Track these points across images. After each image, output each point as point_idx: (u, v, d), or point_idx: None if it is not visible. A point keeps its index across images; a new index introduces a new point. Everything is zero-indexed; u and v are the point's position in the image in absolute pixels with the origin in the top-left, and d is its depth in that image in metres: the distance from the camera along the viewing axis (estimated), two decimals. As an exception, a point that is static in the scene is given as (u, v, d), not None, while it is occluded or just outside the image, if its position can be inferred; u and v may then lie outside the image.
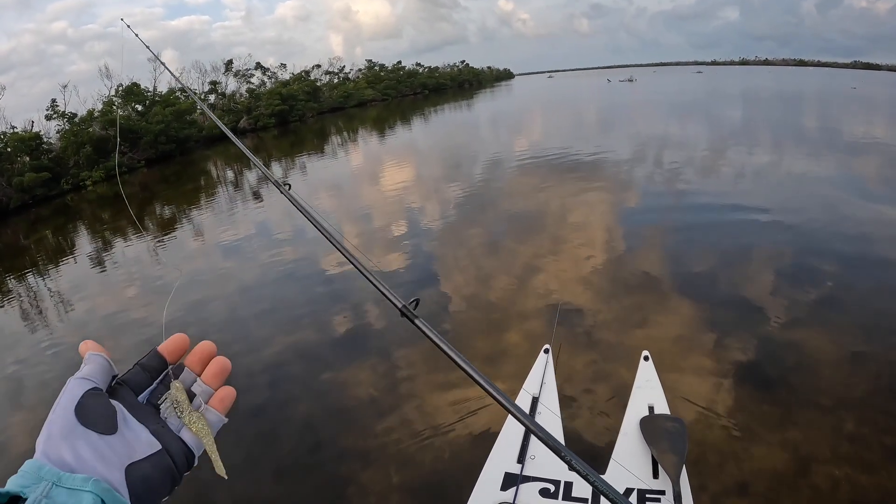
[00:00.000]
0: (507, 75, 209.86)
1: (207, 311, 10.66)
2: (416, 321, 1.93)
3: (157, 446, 0.77)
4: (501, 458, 3.99)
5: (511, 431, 4.18)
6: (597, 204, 15.03)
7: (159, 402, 0.83)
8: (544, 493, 3.66)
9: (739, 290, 9.28)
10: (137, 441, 0.76)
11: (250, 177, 29.54)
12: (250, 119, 61.38)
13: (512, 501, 3.63)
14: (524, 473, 3.81)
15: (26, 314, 12.93)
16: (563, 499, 3.61)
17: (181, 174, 33.84)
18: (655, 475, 3.81)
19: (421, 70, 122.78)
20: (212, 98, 66.03)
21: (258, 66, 75.50)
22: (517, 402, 4.06)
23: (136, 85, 50.92)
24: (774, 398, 6.38)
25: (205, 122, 55.09)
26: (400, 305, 1.99)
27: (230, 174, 32.82)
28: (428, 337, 1.91)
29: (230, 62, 71.66)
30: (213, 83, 67.63)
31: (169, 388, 0.84)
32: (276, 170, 30.18)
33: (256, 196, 23.02)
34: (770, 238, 11.56)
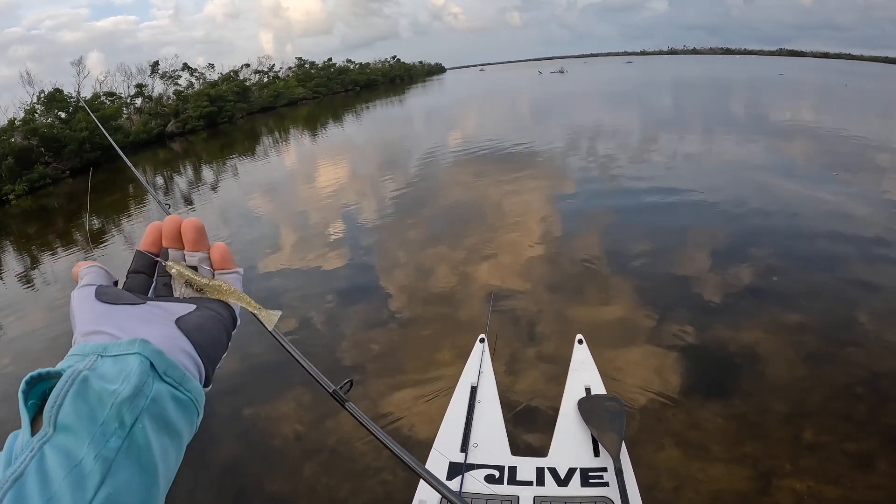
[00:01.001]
0: (438, 69, 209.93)
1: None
2: (346, 405, 1.93)
3: (193, 305, 0.76)
4: (445, 447, 4.01)
5: (453, 420, 4.24)
6: (532, 193, 15.36)
7: (170, 286, 0.81)
8: (489, 479, 3.71)
9: (673, 271, 9.72)
10: (172, 306, 0.75)
11: (181, 182, 29.07)
12: (178, 122, 59.90)
13: (458, 490, 3.63)
14: (468, 462, 3.84)
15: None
16: (509, 483, 3.66)
17: (109, 183, 33.05)
18: (596, 453, 3.88)
19: (352, 67, 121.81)
20: (139, 102, 64.40)
21: (185, 67, 73.70)
22: (456, 391, 4.57)
23: (58, 91, 49.20)
24: (707, 372, 6.71)
25: (131, 128, 53.83)
26: (331, 390, 1.96)
27: (159, 180, 32.22)
28: (359, 422, 1.94)
29: (156, 64, 69.80)
30: (140, 86, 65.91)
31: (170, 276, 0.81)
32: (208, 174, 29.75)
33: (188, 201, 22.64)
34: (703, 219, 12.30)
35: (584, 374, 4.73)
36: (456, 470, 3.78)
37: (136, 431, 0.56)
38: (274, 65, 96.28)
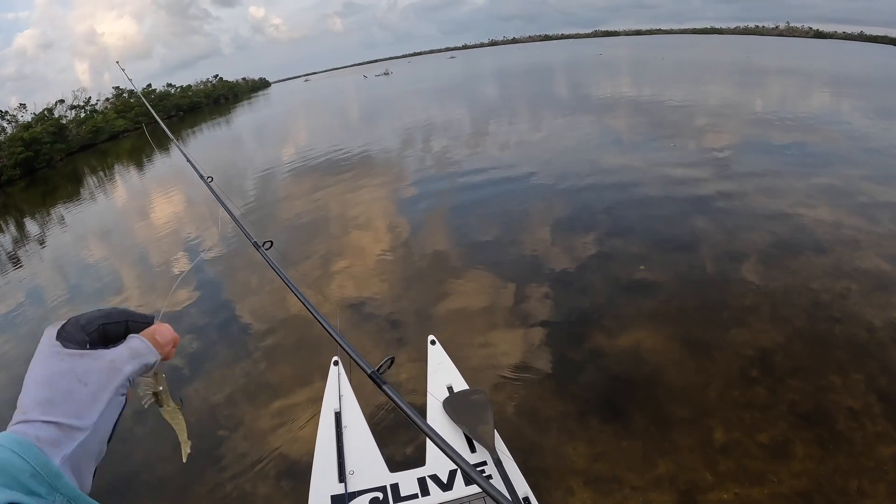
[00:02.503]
0: (263, 84, 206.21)
1: None
2: (384, 387, 2.14)
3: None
4: (322, 480, 3.93)
5: (324, 451, 4.16)
6: (373, 198, 15.82)
7: (136, 387, 0.84)
8: (374, 502, 3.68)
9: (520, 254, 10.26)
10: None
11: (4, 241, 27.47)
12: (-8, 174, 56.23)
13: None
14: (349, 491, 3.79)
15: None
16: (394, 501, 3.64)
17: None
18: (472, 449, 3.93)
19: (173, 91, 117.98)
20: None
21: (-9, 110, 69.37)
22: (321, 419, 4.43)
23: None
24: (563, 346, 7.11)
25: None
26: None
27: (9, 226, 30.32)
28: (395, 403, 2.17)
29: (-44, 110, 65.35)
30: (-60, 137, 61.28)
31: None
32: (33, 228, 28.22)
33: (15, 261, 21.43)
34: (542, 198, 13.15)
35: (443, 374, 4.77)
36: (339, 502, 3.72)
37: None
38: (90, 97, 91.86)
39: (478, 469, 3.46)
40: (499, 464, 3.67)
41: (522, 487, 3.57)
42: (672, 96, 27.41)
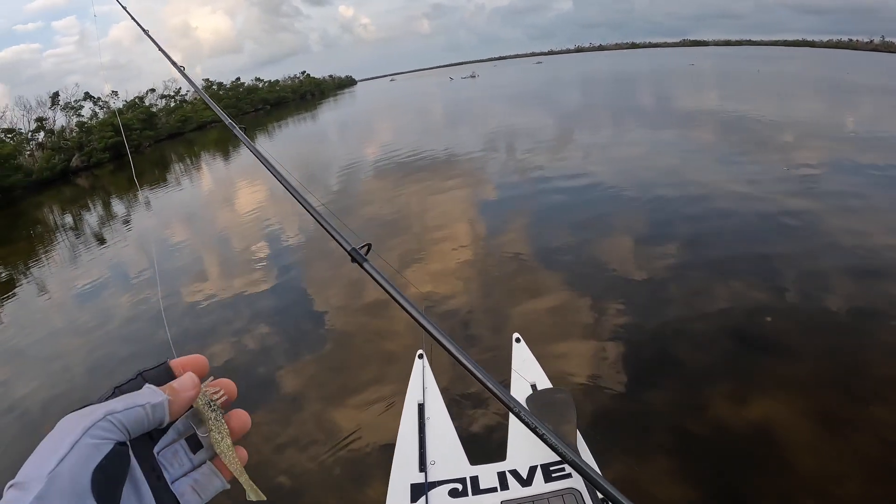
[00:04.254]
0: (349, 82, 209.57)
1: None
2: (365, 265, 2.10)
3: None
4: (403, 469, 3.96)
5: (406, 441, 4.18)
6: (455, 199, 15.52)
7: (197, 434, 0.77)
8: (454, 493, 3.68)
9: (599, 260, 9.92)
10: None
11: (91, 219, 28.21)
12: (83, 156, 58.17)
13: None
14: (430, 480, 3.79)
15: None
16: (473, 493, 3.63)
17: (10, 227, 31.64)
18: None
19: (261, 85, 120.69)
20: (40, 136, 62.18)
21: (87, 96, 71.73)
22: (404, 412, 4.47)
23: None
24: (647, 356, 6.78)
25: (34, 165, 51.93)
26: (349, 249, 2.14)
27: (68, 219, 31.17)
28: (375, 280, 2.10)
29: (56, 95, 67.75)
30: (40, 120, 63.72)
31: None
32: (119, 208, 28.89)
33: (100, 240, 21.94)
34: (626, 208, 12.57)
35: (527, 372, 4.72)
36: (419, 491, 3.72)
37: None
38: (180, 88, 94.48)
39: (557, 467, 3.64)
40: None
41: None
42: (776, 112, 26.07)
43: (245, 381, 7.88)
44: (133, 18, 4.54)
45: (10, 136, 55.71)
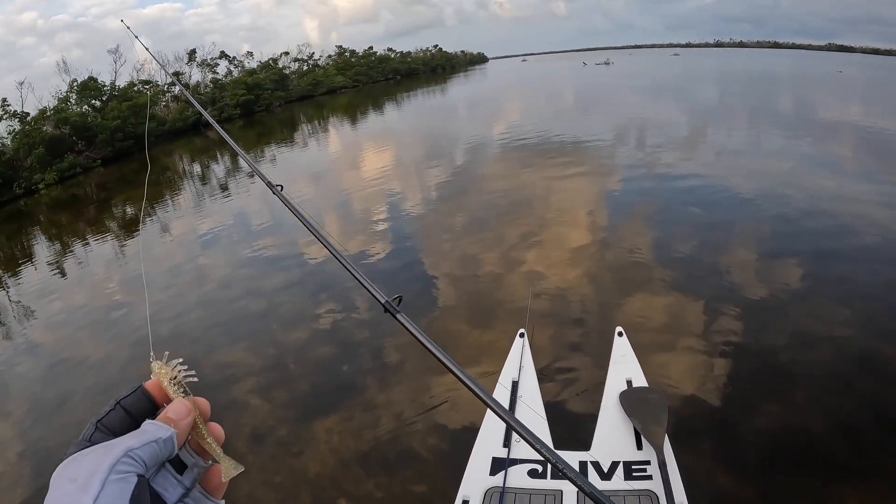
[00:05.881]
0: (480, 59, 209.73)
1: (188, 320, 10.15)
2: (398, 316, 2.09)
3: None
4: (487, 443, 4.09)
5: (493, 417, 4.11)
6: (579, 185, 15.11)
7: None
8: (533, 473, 3.76)
9: (717, 268, 9.31)
10: None
11: (217, 169, 28.86)
12: (214, 110, 60.29)
13: (501, 485, 3.69)
14: (511, 457, 3.88)
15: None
16: (553, 477, 3.69)
17: (140, 172, 32.90)
18: (639, 446, 3.91)
19: (393, 55, 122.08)
20: (175, 90, 64.82)
21: (223, 54, 74.30)
22: (497, 386, 4.61)
23: (92, 80, 49.62)
24: (753, 376, 6.28)
25: (168, 115, 54.00)
26: (383, 301, 2.15)
27: (196, 167, 32.07)
28: (410, 332, 2.02)
29: (193, 52, 70.59)
30: (176, 74, 66.33)
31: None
32: (244, 163, 29.50)
33: (224, 188, 22.35)
34: (753, 218, 11.43)
35: (624, 367, 4.80)
36: (499, 465, 3.86)
37: None
38: (313, 53, 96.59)
39: (639, 467, 3.68)
40: (663, 466, 3.62)
41: (680, 496, 3.46)
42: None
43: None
44: None
45: (147, 87, 58.02)
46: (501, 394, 4.53)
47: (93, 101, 48.32)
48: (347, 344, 8.06)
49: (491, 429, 4.21)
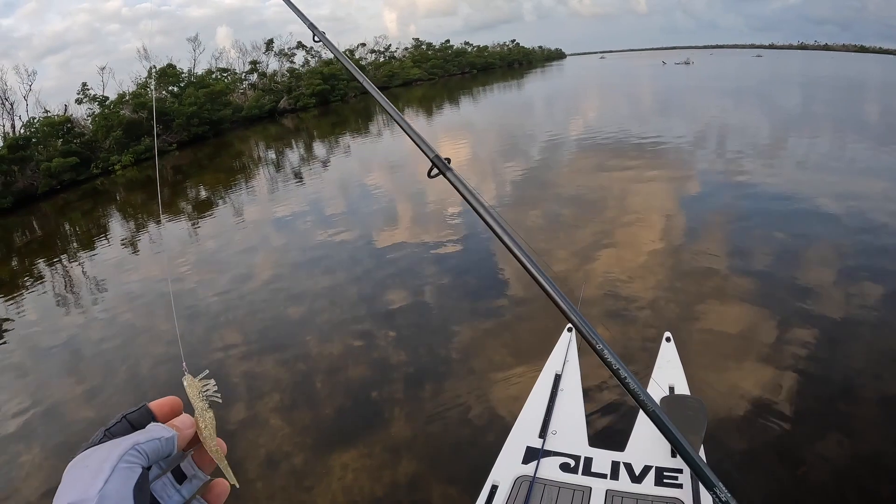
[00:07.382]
0: (558, 55, 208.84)
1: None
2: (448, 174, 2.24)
3: None
4: (523, 431, 4.09)
5: (534, 406, 4.32)
6: (653, 188, 14.74)
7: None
8: (564, 467, 3.76)
9: (785, 283, 8.70)
10: None
11: (292, 156, 29.04)
12: (290, 99, 61.25)
13: (532, 475, 3.69)
14: (545, 448, 3.89)
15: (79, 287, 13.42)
16: (584, 473, 3.68)
17: (214, 156, 33.37)
18: (674, 454, 3.81)
19: (469, 49, 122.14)
20: (253, 78, 65.99)
21: (300, 44, 75.35)
22: (540, 378, 4.67)
23: (171, 66, 51.00)
24: (807, 392, 6.00)
25: (244, 103, 54.92)
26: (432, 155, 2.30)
27: (271, 154, 32.40)
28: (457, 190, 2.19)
29: (271, 41, 71.75)
30: (254, 63, 67.61)
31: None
32: (318, 149, 29.60)
33: (297, 176, 22.44)
34: (837, 235, 10.62)
35: (669, 373, 4.71)
36: (532, 454, 3.85)
37: None
38: (390, 45, 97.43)
39: (671, 475, 3.61)
40: (695, 477, 3.50)
41: None
42: None
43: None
44: None
45: (225, 74, 59.21)
46: (543, 384, 4.57)
47: (171, 88, 49.52)
48: (382, 367, 7.70)
49: (529, 417, 4.23)
